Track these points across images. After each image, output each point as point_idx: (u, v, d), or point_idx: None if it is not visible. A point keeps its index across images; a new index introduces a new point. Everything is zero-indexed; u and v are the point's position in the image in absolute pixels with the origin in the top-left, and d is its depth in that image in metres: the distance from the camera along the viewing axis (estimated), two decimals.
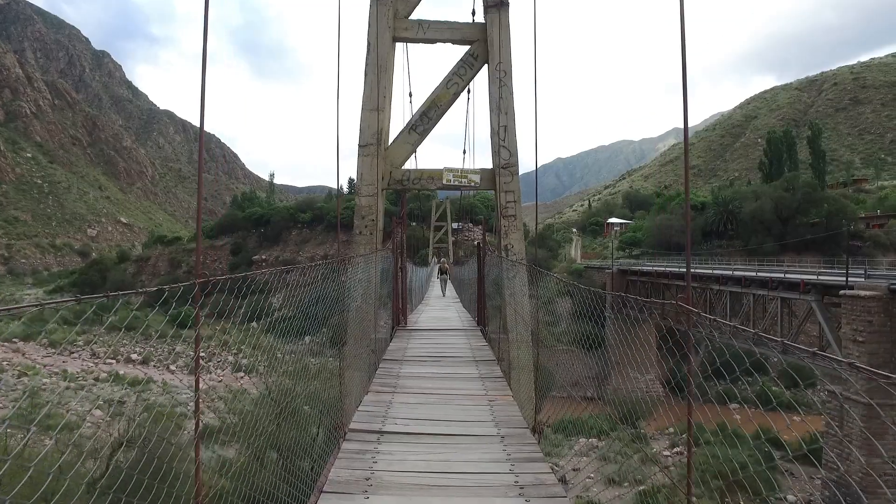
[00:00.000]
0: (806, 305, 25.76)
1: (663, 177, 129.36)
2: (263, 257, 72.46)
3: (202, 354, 3.21)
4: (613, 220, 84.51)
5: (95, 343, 42.77)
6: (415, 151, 13.08)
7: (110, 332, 39.80)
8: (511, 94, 12.42)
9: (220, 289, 3.36)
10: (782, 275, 28.53)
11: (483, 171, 12.72)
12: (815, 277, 26.33)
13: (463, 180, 12.62)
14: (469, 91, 15.02)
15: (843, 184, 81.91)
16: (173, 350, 44.99)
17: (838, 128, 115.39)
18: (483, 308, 13.64)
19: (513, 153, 12.37)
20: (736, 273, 32.74)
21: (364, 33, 12.42)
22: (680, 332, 4.23)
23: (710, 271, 35.69)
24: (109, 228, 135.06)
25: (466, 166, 14.02)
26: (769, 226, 59.97)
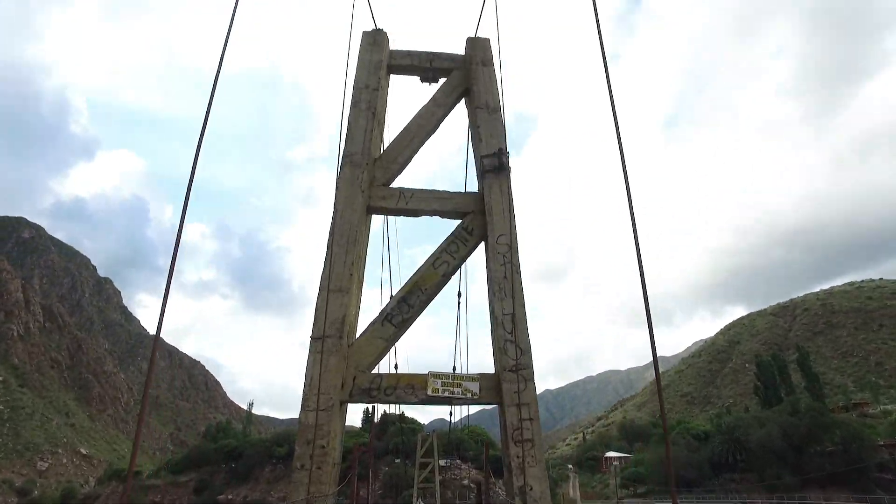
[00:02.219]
0: None
1: (657, 405, 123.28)
2: (230, 497, 62.90)
3: None
4: (611, 454, 76.87)
5: None
6: (390, 349, 9.47)
7: None
8: (518, 272, 9.32)
9: None
10: None
11: (483, 377, 8.97)
12: None
13: (456, 390, 8.80)
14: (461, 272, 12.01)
15: (845, 408, 77.54)
16: None
17: (821, 351, 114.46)
18: None
19: (525, 350, 8.78)
20: None
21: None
22: None
23: None
24: (65, 461, 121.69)
25: (462, 369, 10.32)
26: (782, 454, 53.91)
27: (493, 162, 10.06)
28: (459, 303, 13.37)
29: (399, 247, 15.94)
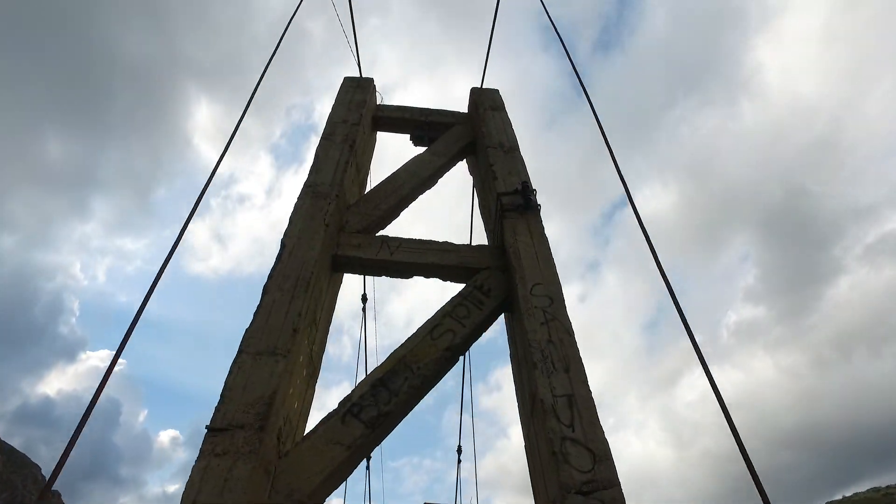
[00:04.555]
0: None
1: None
2: None
3: None
4: None
5: None
6: (357, 464, 5.30)
7: None
8: (572, 334, 5.68)
9: None
10: None
11: None
12: None
13: None
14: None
15: None
16: None
17: None
18: None
19: (602, 457, 4.74)
20: None
21: None
22: None
23: None
24: None
25: None
26: None
27: (515, 200, 7.05)
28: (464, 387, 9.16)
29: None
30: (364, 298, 9.06)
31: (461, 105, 9.79)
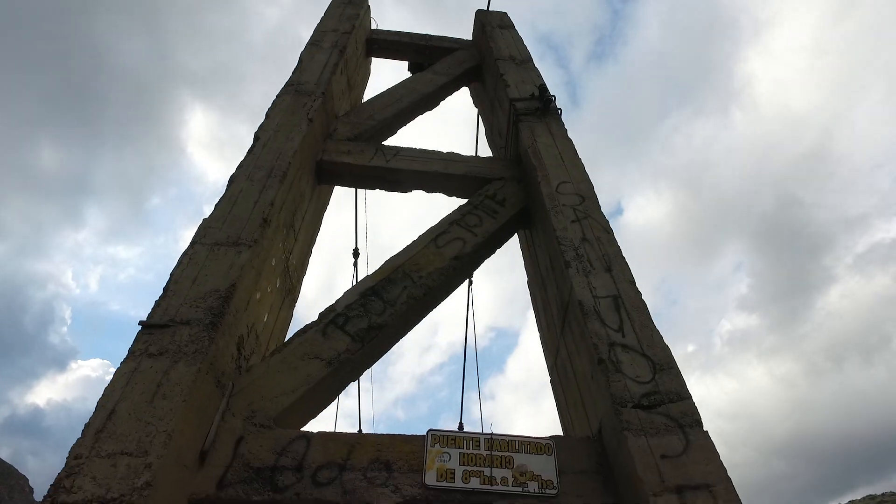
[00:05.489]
0: None
1: None
2: None
3: None
4: None
5: None
6: (341, 389, 4.10)
7: None
8: (610, 232, 4.56)
9: None
10: None
11: (562, 441, 3.51)
12: None
13: (500, 474, 3.35)
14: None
15: None
16: None
17: None
18: None
19: (664, 365, 3.60)
20: None
21: None
22: None
23: None
24: None
25: None
26: None
27: (531, 105, 5.95)
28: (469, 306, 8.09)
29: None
30: (356, 253, 7.89)
31: None
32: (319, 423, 7.08)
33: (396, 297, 4.30)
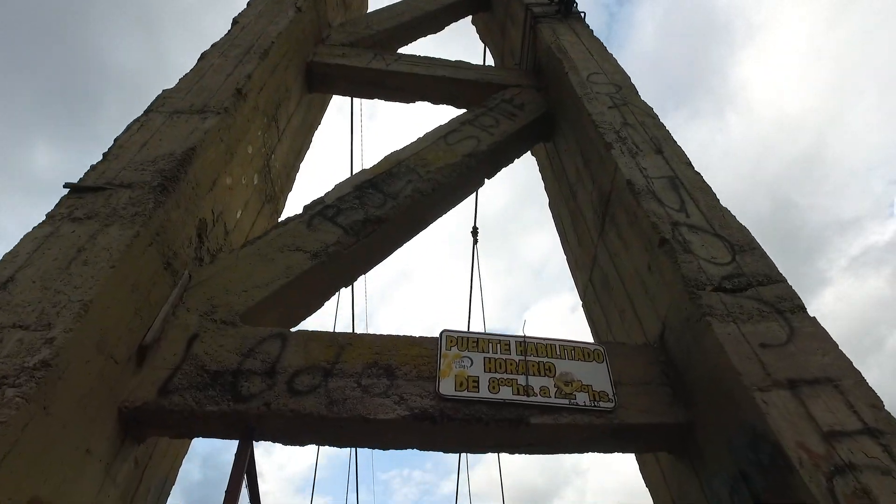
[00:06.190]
0: None
1: None
2: None
3: None
4: None
5: None
6: (333, 289, 3.27)
7: None
8: (655, 116, 3.75)
9: None
10: None
11: (615, 348, 2.69)
12: None
13: (538, 383, 2.55)
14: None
15: None
16: None
17: None
18: None
19: (747, 245, 2.80)
20: None
21: None
22: None
23: None
24: None
25: None
26: None
27: (549, 9, 5.16)
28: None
29: None
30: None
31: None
32: None
33: (399, 191, 3.47)
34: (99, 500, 2.14)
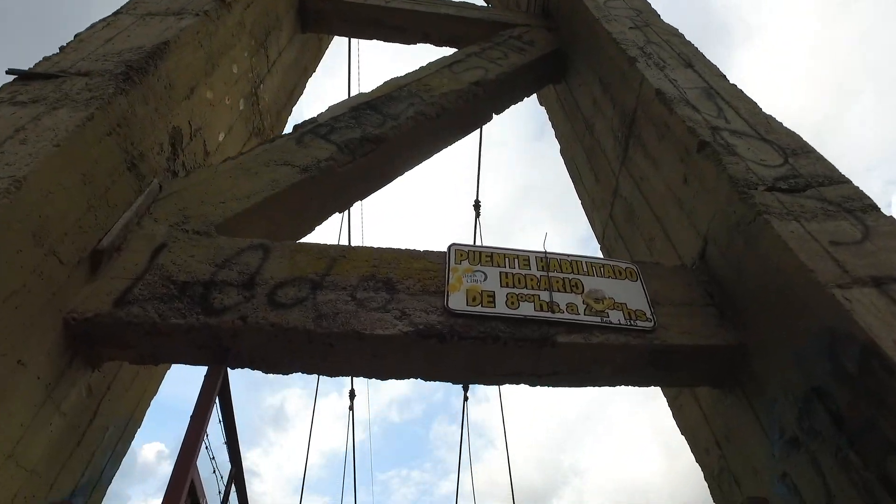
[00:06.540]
0: None
1: None
2: None
3: None
4: None
5: None
6: (326, 216, 2.89)
7: None
8: (684, 38, 3.39)
9: None
10: None
11: (651, 267, 2.33)
12: None
13: (564, 300, 2.18)
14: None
15: None
16: None
17: None
18: None
19: (800, 149, 2.44)
20: None
21: None
22: None
23: None
24: None
25: None
26: None
27: None
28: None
29: None
30: None
31: None
32: None
33: (401, 112, 3.10)
34: (36, 423, 1.76)
